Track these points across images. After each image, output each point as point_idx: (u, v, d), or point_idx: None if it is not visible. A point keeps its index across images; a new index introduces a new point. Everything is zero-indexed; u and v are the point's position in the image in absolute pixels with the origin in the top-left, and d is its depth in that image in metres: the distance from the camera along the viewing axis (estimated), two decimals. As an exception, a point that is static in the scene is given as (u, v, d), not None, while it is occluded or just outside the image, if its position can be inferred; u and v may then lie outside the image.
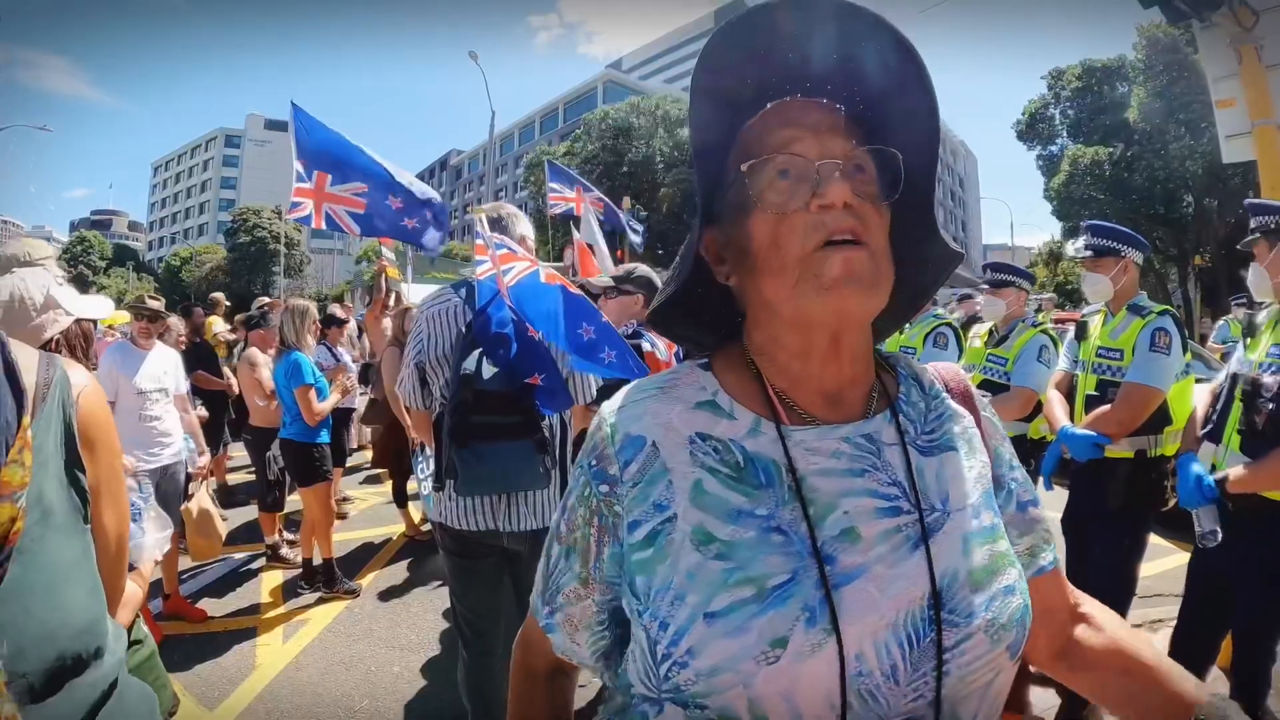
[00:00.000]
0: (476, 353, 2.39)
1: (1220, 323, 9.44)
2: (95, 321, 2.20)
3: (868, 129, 0.81)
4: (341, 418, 6.42)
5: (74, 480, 1.03)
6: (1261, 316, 2.73)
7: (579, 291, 2.58)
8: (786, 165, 0.77)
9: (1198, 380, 3.22)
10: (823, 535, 0.76)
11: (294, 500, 5.81)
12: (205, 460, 4.71)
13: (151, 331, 4.53)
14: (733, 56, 0.77)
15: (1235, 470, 2.49)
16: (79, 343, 2.03)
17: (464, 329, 2.54)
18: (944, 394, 0.93)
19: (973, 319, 6.33)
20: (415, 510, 6.32)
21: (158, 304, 4.68)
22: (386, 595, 4.99)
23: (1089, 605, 0.98)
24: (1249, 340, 2.73)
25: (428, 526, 6.12)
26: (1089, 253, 3.21)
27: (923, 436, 0.86)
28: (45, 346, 2.00)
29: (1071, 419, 3.22)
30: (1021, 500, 0.92)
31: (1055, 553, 0.95)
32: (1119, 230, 3.21)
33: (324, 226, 5.76)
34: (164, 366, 4.49)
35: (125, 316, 5.19)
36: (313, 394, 4.82)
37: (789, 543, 0.75)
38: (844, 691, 0.70)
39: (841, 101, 0.81)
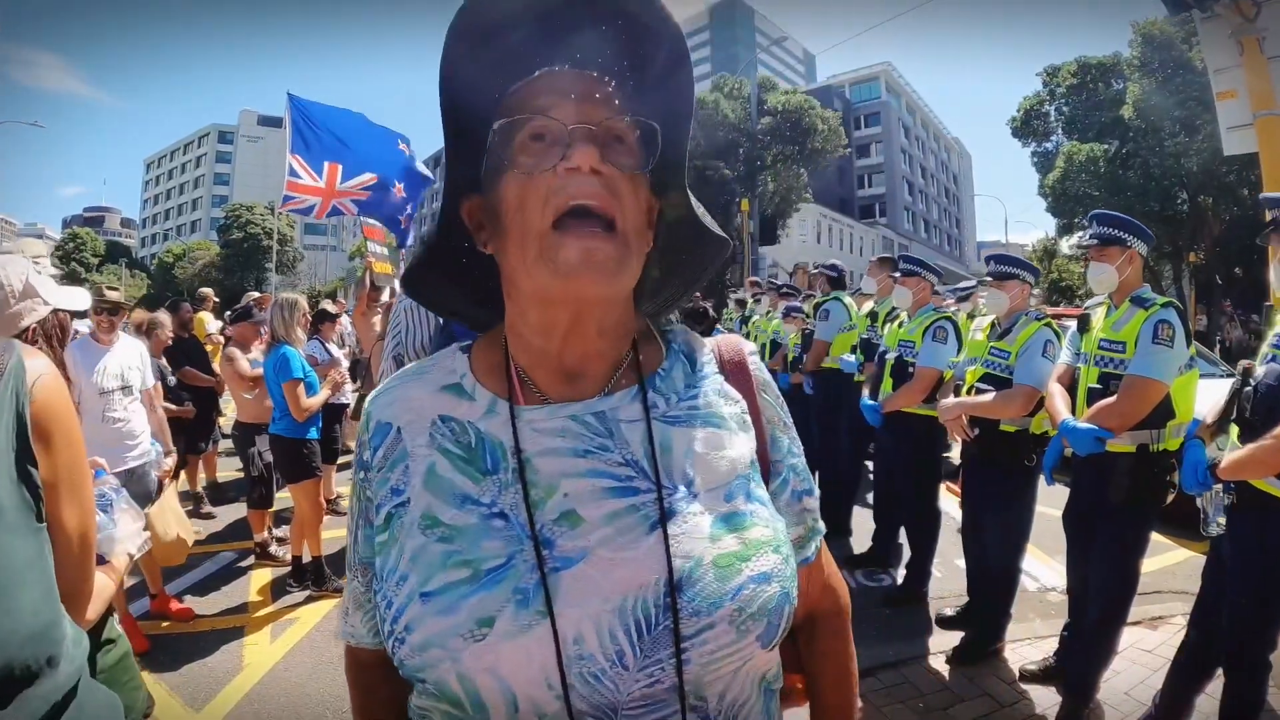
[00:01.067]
0: (454, 347, 2.28)
1: None
2: (72, 314, 2.14)
3: (635, 104, 0.80)
4: (334, 414, 6.35)
5: (25, 476, 0.96)
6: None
7: None
8: (541, 129, 0.75)
9: (1201, 376, 3.18)
10: (542, 519, 0.76)
11: (284, 497, 5.76)
12: (171, 461, 4.48)
13: (114, 325, 4.30)
14: (502, 18, 0.76)
15: (1227, 458, 2.49)
16: (55, 333, 1.98)
17: (442, 321, 2.45)
18: (714, 372, 0.90)
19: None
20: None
21: (117, 295, 4.49)
22: (377, 593, 4.91)
23: (837, 593, 1.01)
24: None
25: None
26: (1095, 241, 3.16)
27: (674, 410, 0.84)
28: (21, 336, 1.94)
29: (1073, 412, 3.17)
30: (796, 489, 0.92)
31: (819, 542, 0.96)
32: (1126, 220, 3.15)
33: (325, 217, 5.74)
34: (128, 362, 4.25)
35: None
36: (301, 389, 4.72)
37: (509, 527, 0.75)
38: (562, 673, 0.70)
39: (611, 75, 0.80)
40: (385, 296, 5.43)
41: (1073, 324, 3.42)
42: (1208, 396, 2.93)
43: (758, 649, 0.76)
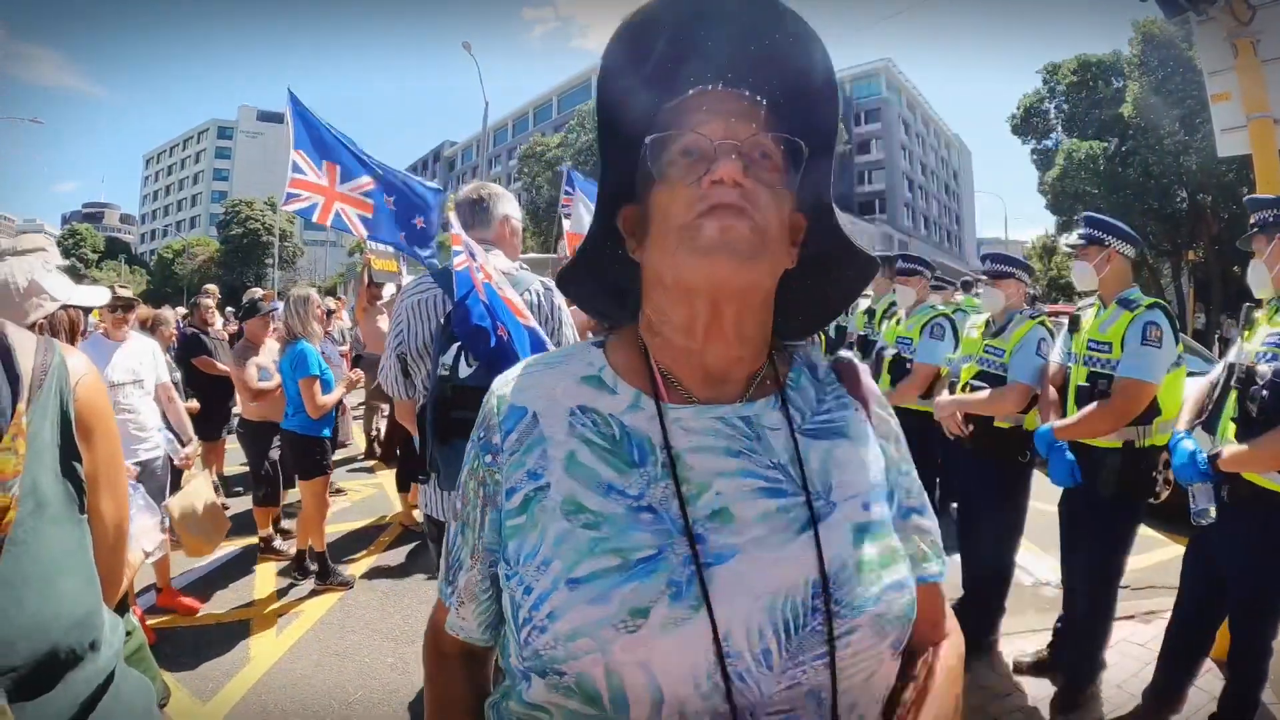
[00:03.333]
0: (455, 347, 2.31)
1: None
2: (86, 311, 2.19)
3: (782, 124, 0.83)
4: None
5: (70, 471, 1.01)
6: (1260, 311, 2.75)
7: (532, 323, 2.48)
8: (691, 144, 0.79)
9: (1190, 373, 3.23)
10: (694, 514, 0.76)
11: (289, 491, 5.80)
12: (191, 449, 4.51)
13: (125, 322, 4.35)
14: (656, 40, 0.80)
15: (1229, 449, 2.51)
16: (63, 328, 2.02)
17: (443, 320, 2.49)
18: (838, 387, 0.94)
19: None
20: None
21: (128, 292, 4.52)
22: (380, 586, 4.98)
23: (950, 633, 0.93)
24: (1246, 333, 2.75)
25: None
26: (1081, 241, 3.24)
27: (809, 424, 0.87)
28: (30, 329, 1.98)
29: (1065, 411, 3.24)
30: (905, 507, 0.91)
31: (942, 566, 0.93)
32: (1105, 221, 3.23)
33: (329, 224, 5.70)
34: (139, 357, 4.30)
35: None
36: (317, 386, 4.74)
37: (658, 520, 0.76)
38: (723, 669, 0.70)
39: (761, 95, 0.83)
40: (387, 293, 5.44)
41: (1067, 323, 3.48)
42: (1200, 391, 2.97)
43: (889, 654, 0.78)
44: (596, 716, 0.71)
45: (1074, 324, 3.36)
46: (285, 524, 5.87)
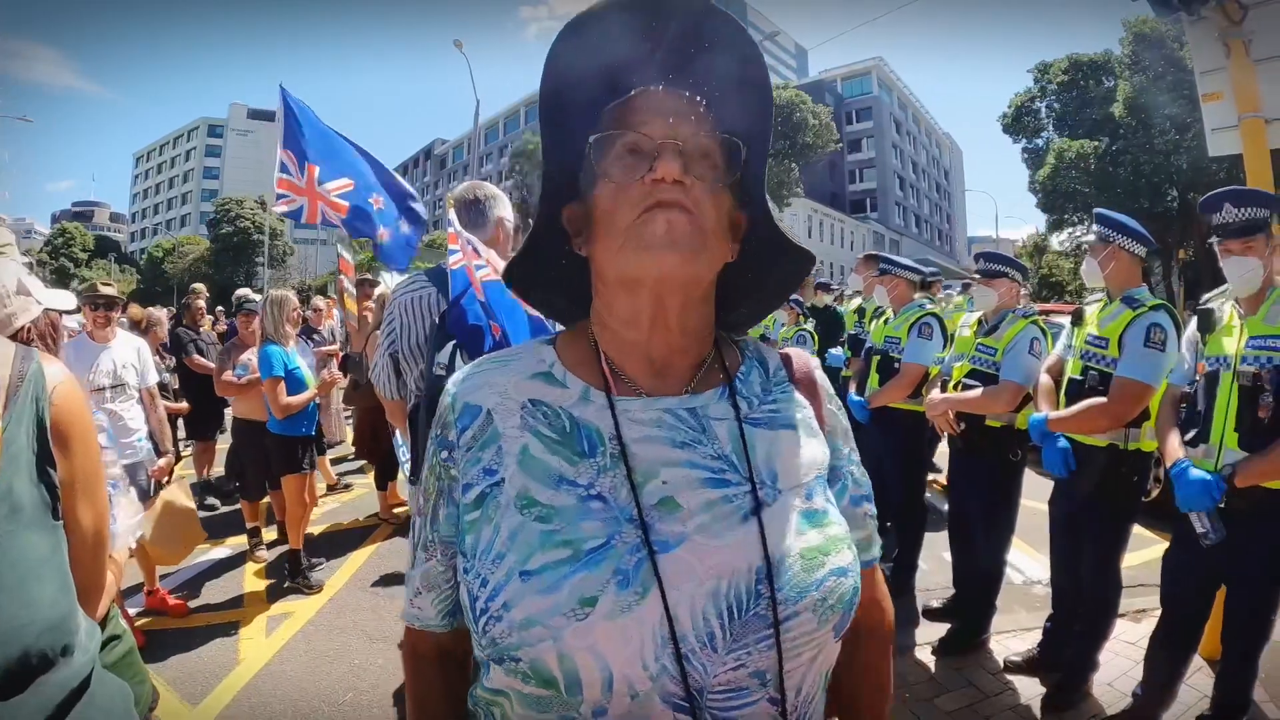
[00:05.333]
0: (450, 345, 2.29)
1: None
2: (62, 314, 2.16)
3: (721, 123, 0.86)
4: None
5: (44, 477, 1.00)
6: (1222, 310, 2.73)
7: (535, 312, 2.45)
8: (634, 143, 0.82)
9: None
10: (641, 503, 0.79)
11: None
12: (165, 462, 4.43)
13: (109, 320, 4.30)
14: (602, 40, 0.82)
15: (1243, 464, 2.46)
16: (49, 332, 2.00)
17: (437, 320, 2.47)
18: (787, 380, 0.97)
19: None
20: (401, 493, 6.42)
21: (111, 289, 4.44)
22: (370, 587, 4.96)
23: (884, 611, 1.03)
24: (1207, 337, 2.72)
25: (400, 509, 6.33)
26: (1092, 238, 3.25)
27: (756, 413, 0.89)
28: (15, 336, 1.96)
29: (1058, 403, 3.25)
30: (855, 495, 0.96)
31: (879, 549, 1.00)
32: (1112, 218, 3.20)
33: (318, 223, 5.77)
34: (124, 359, 4.25)
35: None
36: (281, 388, 4.74)
37: (607, 509, 0.78)
38: (676, 649, 0.73)
39: (701, 95, 0.85)
40: (377, 293, 5.45)
41: (1061, 320, 3.48)
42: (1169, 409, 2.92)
43: (830, 639, 0.81)
44: (552, 698, 0.74)
45: (1077, 317, 3.36)
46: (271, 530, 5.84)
